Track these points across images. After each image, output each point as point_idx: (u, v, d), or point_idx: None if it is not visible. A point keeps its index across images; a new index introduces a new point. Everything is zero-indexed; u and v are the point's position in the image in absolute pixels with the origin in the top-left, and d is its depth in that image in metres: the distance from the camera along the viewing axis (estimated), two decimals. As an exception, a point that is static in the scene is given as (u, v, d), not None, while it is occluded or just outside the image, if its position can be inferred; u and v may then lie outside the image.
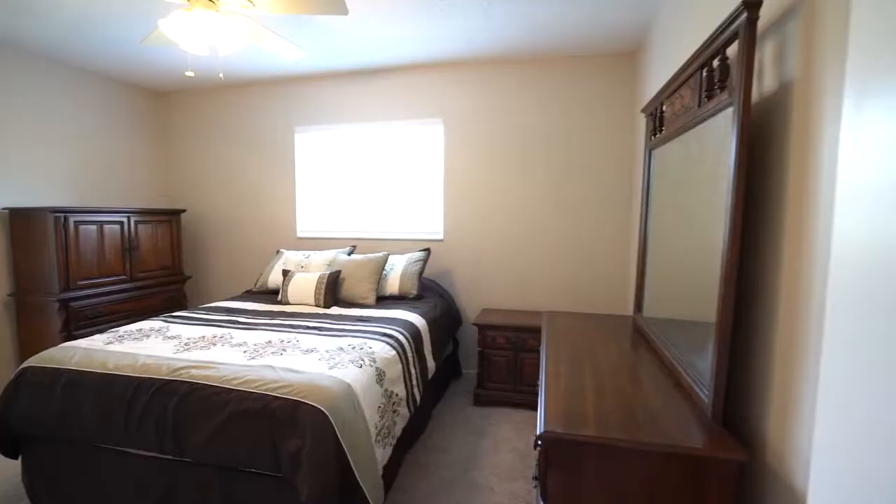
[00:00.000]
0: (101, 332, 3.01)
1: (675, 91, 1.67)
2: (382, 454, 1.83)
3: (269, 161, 4.05)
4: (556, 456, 1.15)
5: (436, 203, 3.67)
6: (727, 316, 1.13)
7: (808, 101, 0.99)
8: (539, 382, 1.70)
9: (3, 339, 3.15)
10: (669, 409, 1.26)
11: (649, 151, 2.10)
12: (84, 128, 3.64)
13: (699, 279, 1.36)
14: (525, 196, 3.46)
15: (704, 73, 1.33)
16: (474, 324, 3.16)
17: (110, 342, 2.13)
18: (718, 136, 1.23)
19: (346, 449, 1.55)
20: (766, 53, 1.20)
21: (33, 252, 3.07)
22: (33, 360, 2.00)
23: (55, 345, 2.60)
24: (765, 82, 1.21)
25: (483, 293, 3.61)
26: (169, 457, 1.71)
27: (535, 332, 3.01)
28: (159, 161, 4.33)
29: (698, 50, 1.36)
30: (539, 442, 1.17)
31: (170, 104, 4.32)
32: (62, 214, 3.03)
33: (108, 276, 3.33)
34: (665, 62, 2.34)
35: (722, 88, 1.22)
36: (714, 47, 1.25)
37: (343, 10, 2.07)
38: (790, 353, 1.04)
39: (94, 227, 3.24)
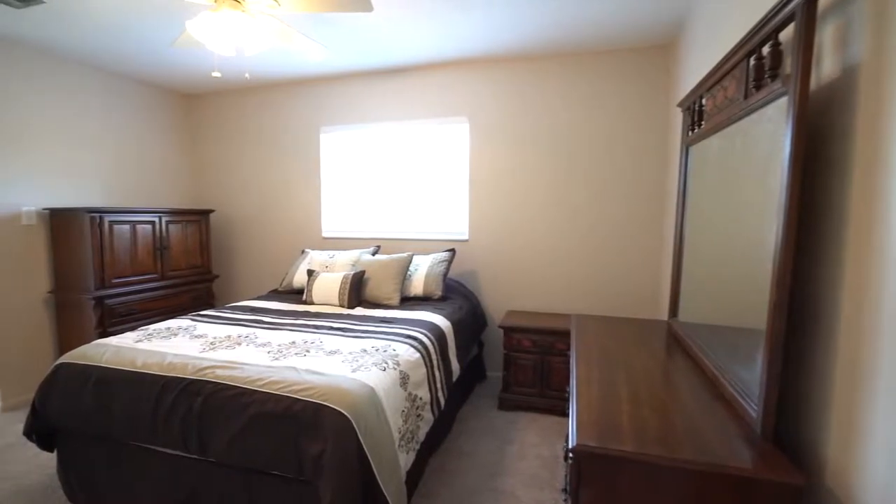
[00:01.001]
0: (133, 329, 3.10)
1: (717, 82, 1.57)
2: (406, 459, 1.79)
3: (294, 161, 4.08)
4: (589, 471, 1.08)
5: (461, 203, 3.62)
6: (779, 324, 1.04)
7: (879, 88, 0.89)
8: (569, 389, 1.63)
9: (43, 334, 3.26)
10: (712, 423, 1.17)
11: (686, 148, 1.99)
12: (118, 130, 3.75)
13: (745, 283, 1.27)
14: (552, 195, 3.37)
15: (752, 62, 1.23)
16: (500, 326, 3.09)
17: (140, 340, 2.16)
18: (769, 129, 1.14)
19: (368, 454, 1.52)
20: (825, 37, 1.10)
21: (71, 251, 3.18)
22: (67, 357, 2.04)
23: (91, 341, 2.67)
24: (823, 68, 1.11)
25: (509, 295, 3.54)
26: (194, 456, 1.72)
27: (563, 335, 2.93)
28: (189, 162, 4.43)
29: (745, 37, 1.27)
30: (571, 455, 1.10)
31: (199, 106, 4.41)
32: (98, 214, 3.12)
33: (140, 275, 3.41)
34: (704, 53, 2.22)
35: (773, 77, 1.13)
36: (764, 32, 1.15)
37: (368, 7, 2.04)
38: (855, 366, 0.94)
39: (127, 226, 3.32)
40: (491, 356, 3.59)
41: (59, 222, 3.21)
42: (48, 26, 2.80)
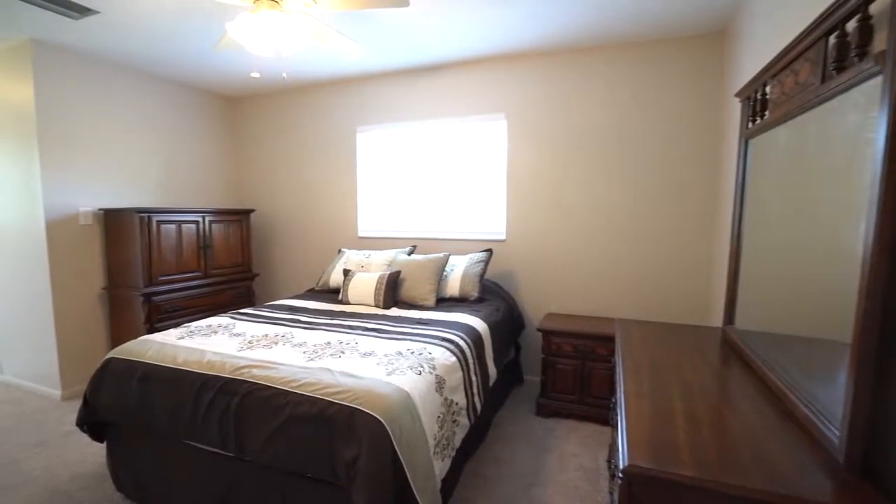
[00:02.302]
0: (177, 325, 3.20)
1: (785, 67, 1.42)
2: (441, 467, 1.74)
3: (331, 161, 4.11)
4: (643, 496, 0.98)
5: (498, 202, 3.53)
6: (869, 337, 0.91)
7: None
8: (616, 400, 1.52)
9: (98, 328, 3.43)
10: (782, 447, 1.05)
11: (745, 141, 1.83)
12: (166, 133, 3.90)
13: (822, 290, 1.13)
14: (594, 194, 3.22)
15: (833, 41, 1.10)
16: (538, 329, 2.99)
17: (182, 337, 2.21)
18: (854, 116, 1.00)
19: (403, 461, 1.47)
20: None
21: (122, 249, 3.32)
22: (115, 352, 2.12)
23: (140, 336, 2.78)
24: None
25: (547, 296, 3.42)
26: (231, 455, 1.72)
27: (605, 340, 2.79)
28: (230, 163, 4.56)
29: (824, 13, 1.13)
30: (621, 475, 1.01)
31: (240, 108, 4.53)
32: (146, 215, 3.25)
33: (185, 273, 3.53)
34: (766, 37, 2.05)
35: (861, 55, 0.99)
36: (850, 6, 1.02)
37: (404, 3, 2.00)
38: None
39: (173, 226, 3.44)
40: (528, 359, 3.48)
41: (112, 222, 3.37)
42: (102, 36, 2.93)
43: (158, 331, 3.12)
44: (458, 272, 3.17)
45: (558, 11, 2.60)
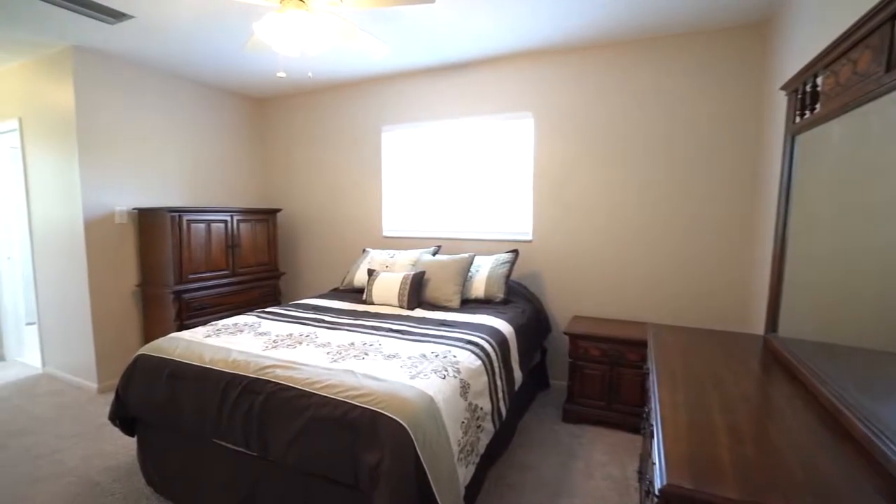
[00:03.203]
0: (206, 322, 3.26)
1: (840, 56, 1.32)
2: (465, 473, 1.69)
3: (356, 161, 4.12)
4: (683, 518, 0.91)
5: (524, 202, 3.46)
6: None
7: None
8: (650, 410, 1.45)
9: (132, 324, 3.54)
10: (838, 470, 0.96)
11: (792, 137, 1.72)
12: (197, 134, 3.99)
13: (884, 296, 1.03)
14: (624, 193, 3.12)
15: (900, 25, 1.00)
16: (566, 332, 2.91)
17: (209, 335, 2.24)
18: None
19: (426, 468, 1.43)
20: None
21: (154, 248, 3.41)
22: (146, 349, 2.16)
23: (170, 332, 2.83)
24: None
25: (575, 299, 3.33)
26: (255, 455, 1.72)
27: (635, 345, 2.69)
28: (258, 163, 4.64)
29: (889, -5, 1.03)
30: (658, 495, 0.94)
31: (268, 110, 4.60)
32: (177, 214, 3.32)
33: (214, 271, 3.60)
34: (817, 25, 1.92)
35: (935, 40, 0.89)
36: (921, -14, 0.92)
37: (430, -1, 1.96)
38: None
39: (202, 225, 3.51)
40: (554, 363, 3.40)
41: (145, 221, 3.46)
42: (136, 40, 3.01)
43: (188, 328, 3.18)
44: (484, 273, 3.11)
45: (588, 5, 2.51)
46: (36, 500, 2.14)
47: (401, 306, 2.94)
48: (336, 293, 3.49)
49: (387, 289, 3.02)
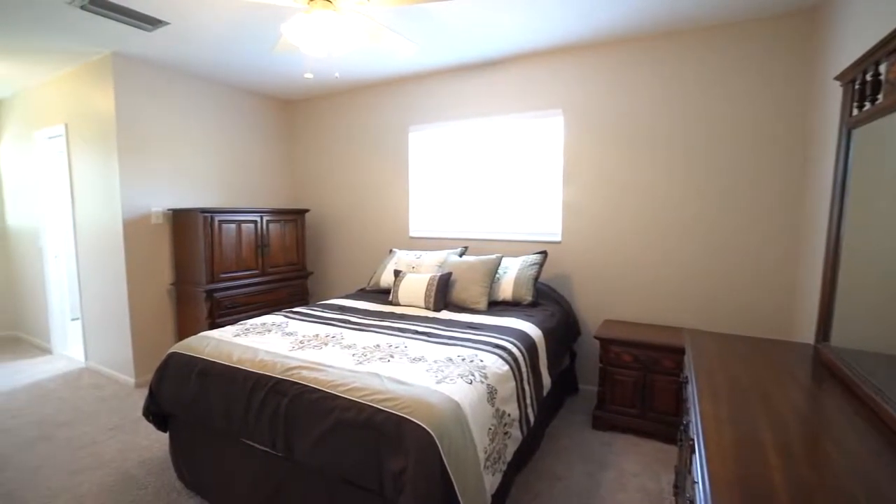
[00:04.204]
0: (236, 321, 3.32)
1: (908, 41, 1.20)
2: (491, 481, 1.65)
3: (384, 161, 4.13)
4: (731, 546, 0.84)
5: (553, 202, 3.37)
6: None
7: None
8: (689, 423, 1.36)
9: (166, 322, 3.64)
10: (912, 499, 0.86)
11: (848, 131, 1.59)
12: (229, 137, 4.08)
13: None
14: (658, 192, 2.99)
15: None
16: (596, 337, 2.81)
17: (237, 335, 2.26)
18: None
19: (452, 476, 1.39)
20: None
21: (187, 247, 3.50)
22: (177, 347, 2.20)
23: (203, 330, 2.90)
24: None
25: (605, 302, 3.22)
26: (281, 455, 1.72)
27: (671, 351, 2.58)
28: (287, 164, 4.71)
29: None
30: (703, 520, 0.87)
31: (296, 111, 4.66)
32: (209, 214, 3.40)
33: (244, 270, 3.67)
34: (878, 9, 1.78)
35: None
36: None
37: (458, -6, 1.92)
38: None
39: (233, 225, 3.58)
40: (584, 368, 3.30)
41: (179, 221, 3.56)
42: (171, 45, 3.09)
43: (220, 326, 3.25)
44: (511, 275, 3.05)
45: (622, -3, 2.42)
46: (76, 490, 2.21)
47: (427, 308, 2.91)
48: (362, 293, 3.50)
49: (413, 290, 3.00)
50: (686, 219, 2.92)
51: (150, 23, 2.72)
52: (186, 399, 2.00)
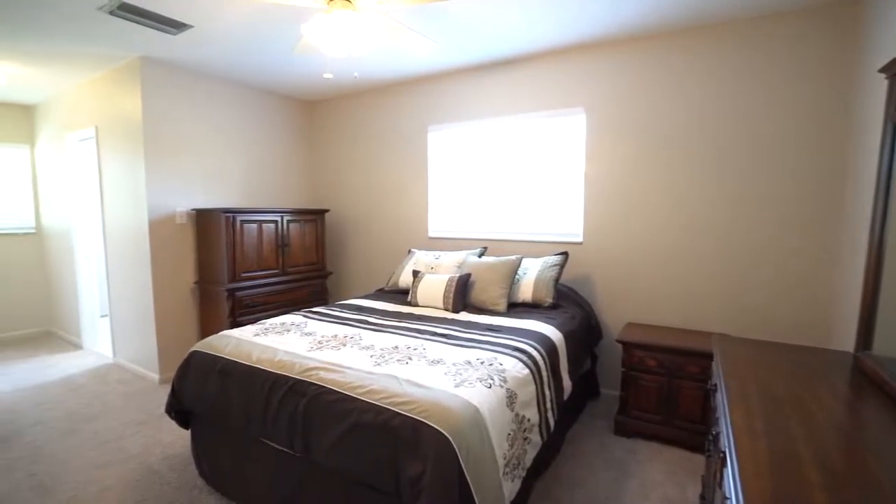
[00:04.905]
0: (257, 320, 3.36)
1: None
2: (510, 488, 1.61)
3: (403, 161, 4.12)
4: (769, 570, 0.79)
5: (574, 202, 3.30)
6: None
7: None
8: (720, 434, 1.30)
9: (190, 320, 3.72)
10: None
11: (893, 125, 1.49)
12: (248, 137, 4.14)
13: None
14: (683, 191, 2.89)
15: None
16: (619, 340, 2.74)
17: (257, 334, 2.28)
18: None
19: (470, 482, 1.36)
20: None
21: (210, 247, 3.57)
22: (199, 346, 2.23)
23: (224, 329, 2.94)
24: None
25: (628, 305, 3.14)
26: (299, 455, 1.72)
27: (697, 356, 2.49)
28: (307, 165, 4.75)
29: None
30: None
31: (316, 112, 4.70)
32: (231, 214, 3.45)
33: (264, 270, 3.71)
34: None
35: None
36: None
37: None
38: None
39: (255, 225, 3.63)
40: (605, 371, 3.22)
41: (202, 221, 3.62)
42: (195, 48, 3.14)
43: (241, 325, 3.29)
44: (532, 276, 3.00)
45: (648, -10, 2.35)
46: (102, 483, 2.27)
47: (446, 309, 2.88)
48: (381, 294, 3.49)
49: (432, 291, 2.98)
50: (714, 219, 2.82)
51: (175, 26, 2.77)
52: (207, 397, 2.03)
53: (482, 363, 1.87)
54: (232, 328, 2.47)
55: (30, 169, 4.88)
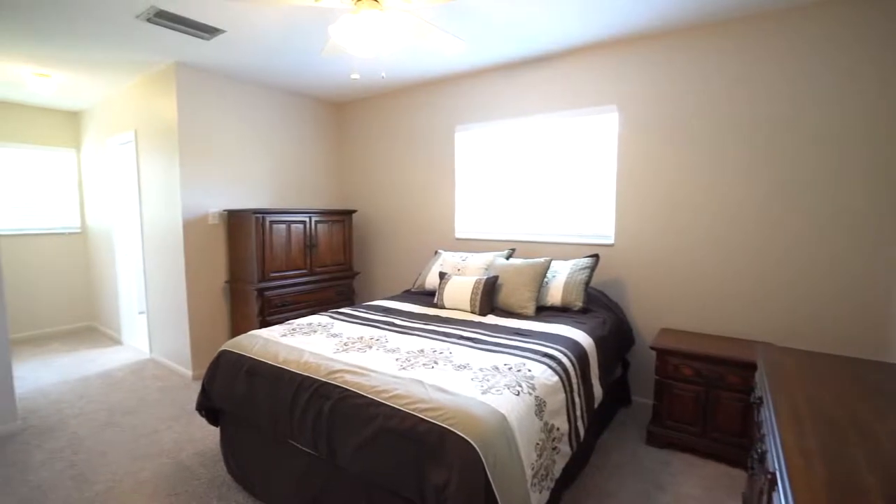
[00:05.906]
0: (285, 319, 3.40)
1: None
2: (538, 499, 1.55)
3: (430, 162, 4.10)
4: None
5: (606, 202, 3.20)
6: None
7: None
8: (766, 453, 1.21)
9: (221, 318, 3.80)
10: None
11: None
12: (278, 139, 4.20)
13: None
14: (723, 191, 2.75)
15: None
16: (652, 347, 2.63)
17: (284, 335, 2.30)
18: None
19: (496, 493, 1.32)
20: None
21: (241, 247, 3.64)
22: (228, 345, 2.26)
23: (254, 327, 2.99)
24: None
25: (662, 310, 3.01)
26: (324, 458, 1.72)
27: (738, 366, 2.36)
28: (335, 165, 4.79)
29: None
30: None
31: (344, 113, 4.73)
32: (261, 215, 3.51)
33: (293, 270, 3.75)
34: None
35: None
36: None
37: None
38: None
39: (283, 226, 3.68)
40: (638, 378, 3.11)
41: (233, 222, 3.70)
42: (227, 53, 3.20)
43: (270, 323, 3.34)
44: (561, 279, 2.92)
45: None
46: (138, 476, 2.33)
47: (472, 312, 2.84)
48: (408, 295, 3.48)
49: (458, 293, 2.94)
50: (755, 221, 2.67)
51: (209, 31, 2.83)
52: (235, 397, 2.05)
53: (510, 369, 1.81)
54: (261, 327, 2.50)
55: (76, 172, 5.12)
